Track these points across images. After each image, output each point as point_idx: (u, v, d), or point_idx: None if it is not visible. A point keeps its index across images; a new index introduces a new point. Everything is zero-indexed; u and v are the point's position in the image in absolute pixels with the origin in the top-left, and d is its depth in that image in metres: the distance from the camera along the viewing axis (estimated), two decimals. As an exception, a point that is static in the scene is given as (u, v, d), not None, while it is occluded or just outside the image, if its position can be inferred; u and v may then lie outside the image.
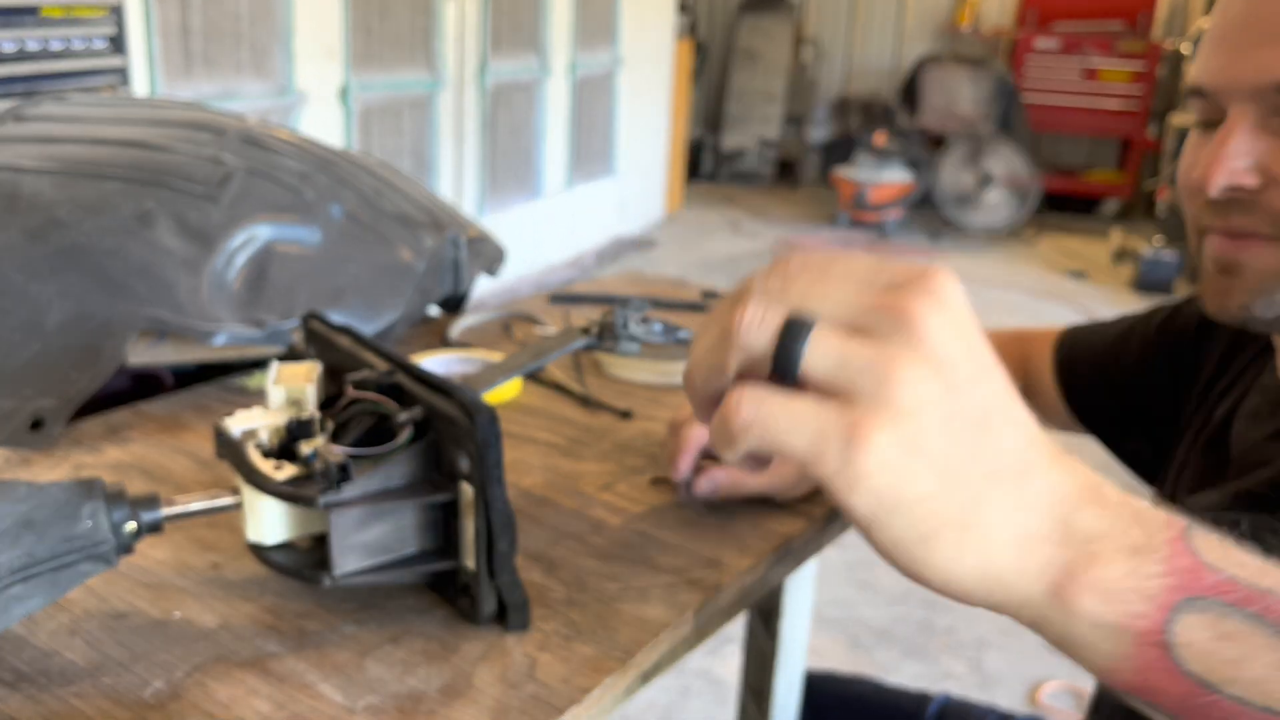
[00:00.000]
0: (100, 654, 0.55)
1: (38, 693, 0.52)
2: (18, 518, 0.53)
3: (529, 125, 4.06)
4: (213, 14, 2.60)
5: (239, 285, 0.91)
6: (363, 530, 0.57)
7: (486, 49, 3.69)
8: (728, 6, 6.93)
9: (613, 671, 0.56)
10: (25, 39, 1.97)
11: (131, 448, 0.80)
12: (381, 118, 3.27)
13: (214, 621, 0.59)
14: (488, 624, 0.59)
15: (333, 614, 0.60)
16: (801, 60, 6.74)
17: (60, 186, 0.90)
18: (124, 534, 0.54)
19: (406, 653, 0.56)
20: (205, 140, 1.00)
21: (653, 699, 1.86)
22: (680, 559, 0.67)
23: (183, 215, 0.91)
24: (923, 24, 6.58)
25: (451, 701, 0.53)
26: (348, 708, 0.52)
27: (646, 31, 4.85)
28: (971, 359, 0.31)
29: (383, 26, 3.21)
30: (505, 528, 0.56)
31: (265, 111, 2.74)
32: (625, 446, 0.83)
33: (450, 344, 1.06)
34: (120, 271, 0.85)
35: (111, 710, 0.51)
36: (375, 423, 0.60)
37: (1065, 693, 1.95)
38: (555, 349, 0.84)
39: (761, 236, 5.32)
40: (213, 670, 0.54)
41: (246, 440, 0.59)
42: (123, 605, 0.60)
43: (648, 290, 1.28)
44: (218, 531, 0.68)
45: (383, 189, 1.07)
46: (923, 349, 0.30)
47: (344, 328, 0.68)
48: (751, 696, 1.04)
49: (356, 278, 0.96)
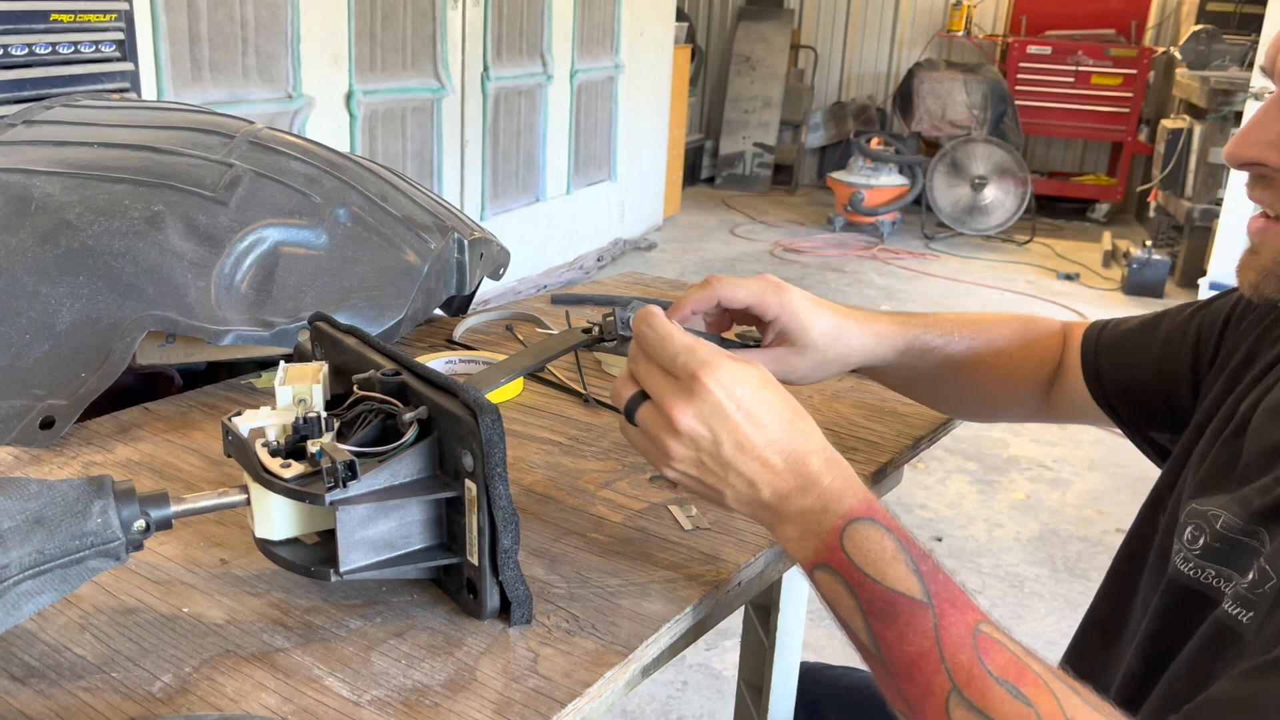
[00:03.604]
0: (110, 649, 0.56)
1: (48, 687, 0.53)
2: (29, 515, 0.53)
3: (531, 130, 4.07)
4: (220, 21, 2.61)
5: (247, 287, 0.92)
6: (368, 527, 0.58)
7: (489, 55, 3.71)
8: (725, 13, 6.95)
9: (613, 665, 0.57)
10: (35, 44, 1.98)
11: (141, 446, 0.81)
12: (386, 122, 3.28)
13: (222, 616, 0.60)
14: (491, 619, 0.60)
15: (339, 609, 0.61)
16: (798, 66, 6.76)
17: (70, 189, 0.91)
18: (133, 531, 0.55)
19: (411, 647, 0.57)
20: (213, 144, 1.01)
21: (652, 692, 1.87)
22: (679, 555, 0.68)
23: (191, 218, 0.92)
24: (917, 31, 6.59)
25: (455, 695, 0.54)
26: (354, 701, 0.53)
27: (646, 38, 4.86)
28: (712, 435, 0.58)
29: (386, 33, 3.22)
30: (508, 524, 0.57)
31: (272, 116, 2.75)
32: (625, 445, 0.84)
33: (454, 344, 1.07)
34: (130, 273, 0.86)
35: (121, 704, 0.52)
36: (381, 421, 0.61)
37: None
38: (557, 349, 0.85)
39: (759, 239, 5.34)
40: (221, 664, 0.55)
41: (254, 439, 0.59)
42: (132, 601, 0.61)
43: (647, 291, 1.29)
44: (226, 528, 0.69)
45: (388, 192, 1.08)
46: (678, 433, 0.59)
47: (350, 328, 0.69)
48: (749, 689, 1.05)
49: (362, 279, 0.97)
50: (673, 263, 4.82)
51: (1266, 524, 0.60)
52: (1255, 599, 0.57)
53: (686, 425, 0.58)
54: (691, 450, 0.58)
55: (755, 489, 0.58)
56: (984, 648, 0.52)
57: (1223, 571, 0.62)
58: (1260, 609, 0.56)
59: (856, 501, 0.57)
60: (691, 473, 0.59)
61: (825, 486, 0.58)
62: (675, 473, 0.60)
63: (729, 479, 0.59)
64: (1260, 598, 0.57)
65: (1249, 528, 0.61)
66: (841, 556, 0.56)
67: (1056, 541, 2.45)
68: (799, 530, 0.58)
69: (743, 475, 0.58)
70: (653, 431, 0.60)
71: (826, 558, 0.57)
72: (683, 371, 0.58)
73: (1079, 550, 2.40)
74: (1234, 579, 0.60)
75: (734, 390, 0.58)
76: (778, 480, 0.58)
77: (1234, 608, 0.58)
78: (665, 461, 0.60)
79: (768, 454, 0.58)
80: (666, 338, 0.60)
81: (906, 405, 0.95)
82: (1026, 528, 2.52)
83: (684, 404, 0.58)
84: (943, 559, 0.58)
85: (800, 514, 0.58)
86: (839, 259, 5.06)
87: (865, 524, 0.56)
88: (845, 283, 4.60)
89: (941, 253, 5.25)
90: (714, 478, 0.59)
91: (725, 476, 0.59)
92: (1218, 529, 0.63)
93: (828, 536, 0.57)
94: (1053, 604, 2.19)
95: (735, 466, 0.58)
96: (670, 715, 1.83)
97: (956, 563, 2.33)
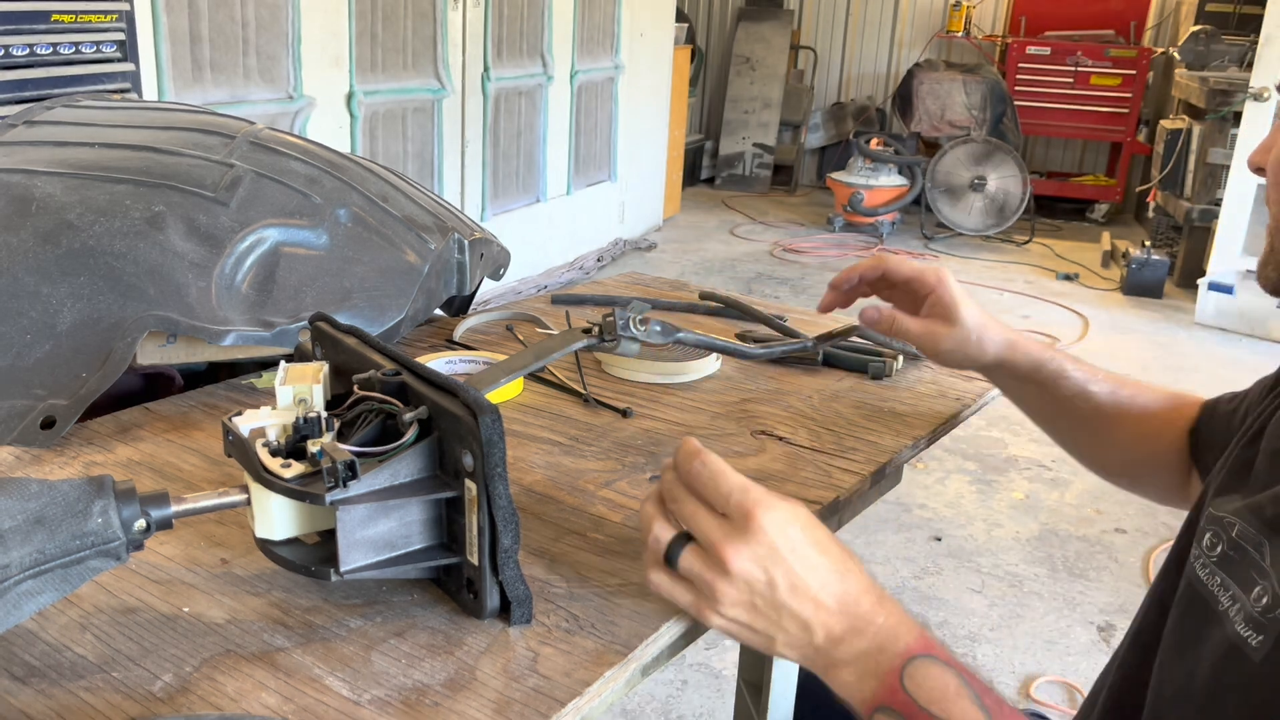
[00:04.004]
0: (110, 648, 0.56)
1: (48, 687, 0.53)
2: (29, 515, 0.53)
3: (531, 130, 4.07)
4: (221, 21, 2.61)
5: (248, 287, 0.92)
6: (369, 527, 0.58)
7: (489, 56, 3.71)
8: (725, 14, 6.96)
9: (613, 665, 0.57)
10: (36, 44, 1.98)
11: (142, 446, 0.81)
12: (386, 123, 3.29)
13: (223, 616, 0.60)
14: (491, 618, 0.60)
15: (339, 609, 0.61)
16: (798, 67, 6.76)
17: (71, 190, 0.91)
18: (134, 531, 0.55)
19: (411, 646, 0.57)
20: (214, 145, 1.01)
21: (652, 691, 1.87)
22: (680, 556, 0.68)
23: (192, 218, 0.92)
24: (916, 31, 6.60)
25: (455, 694, 0.54)
26: (354, 700, 0.53)
27: (646, 39, 4.86)
28: (767, 576, 0.56)
29: (387, 34, 3.22)
30: (508, 524, 0.57)
31: (273, 117, 2.75)
32: (625, 444, 0.84)
33: (454, 344, 1.07)
34: (131, 273, 0.86)
35: (121, 704, 0.52)
36: (381, 421, 0.61)
37: (1056, 686, 1.96)
38: (557, 349, 0.85)
39: (758, 239, 5.34)
40: (221, 664, 0.55)
41: (255, 439, 0.59)
42: (133, 600, 0.61)
43: (647, 292, 1.29)
44: (226, 528, 0.69)
45: (389, 193, 1.08)
46: (730, 575, 0.56)
47: (351, 329, 0.69)
48: (749, 689, 1.05)
49: (363, 280, 0.97)
50: (673, 263, 4.83)
51: (1272, 536, 0.59)
52: (1266, 623, 0.56)
53: (741, 567, 0.55)
54: (745, 594, 0.56)
55: (809, 632, 0.57)
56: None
57: (1227, 582, 0.61)
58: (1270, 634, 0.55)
59: (914, 639, 0.56)
60: (742, 618, 0.57)
61: (880, 625, 0.56)
62: (723, 620, 0.57)
63: (782, 622, 0.57)
64: (1271, 622, 0.56)
65: (1258, 538, 0.60)
66: (904, 697, 0.54)
67: (1055, 541, 2.45)
68: (856, 674, 0.56)
69: (796, 618, 0.56)
70: (702, 575, 0.57)
71: (887, 699, 0.55)
72: (736, 510, 0.56)
73: (1078, 550, 2.40)
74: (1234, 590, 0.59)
75: (788, 531, 0.56)
76: (832, 622, 0.56)
77: (1245, 629, 0.57)
78: (713, 607, 0.57)
79: (821, 596, 0.56)
80: (720, 474, 0.57)
81: (906, 405, 0.96)
82: (1026, 527, 2.52)
83: (739, 545, 0.56)
84: (943, 558, 0.58)
85: (856, 656, 0.56)
86: (838, 259, 5.06)
87: (925, 661, 0.55)
88: (845, 283, 4.60)
89: (941, 253, 5.26)
90: (766, 622, 0.57)
91: (779, 620, 0.57)
92: (1233, 537, 0.62)
93: (887, 677, 0.55)
94: (1051, 603, 2.19)
95: (789, 609, 0.56)
96: (670, 715, 1.83)
97: (956, 562, 2.33)
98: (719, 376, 1.01)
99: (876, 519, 2.50)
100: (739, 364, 1.04)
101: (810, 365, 1.04)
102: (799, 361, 1.04)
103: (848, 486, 0.79)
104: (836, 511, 0.79)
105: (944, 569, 2.31)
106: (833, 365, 1.04)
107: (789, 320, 1.16)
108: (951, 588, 2.23)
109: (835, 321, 1.16)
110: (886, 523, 2.49)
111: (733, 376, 1.01)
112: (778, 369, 1.03)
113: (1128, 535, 2.46)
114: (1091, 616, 2.15)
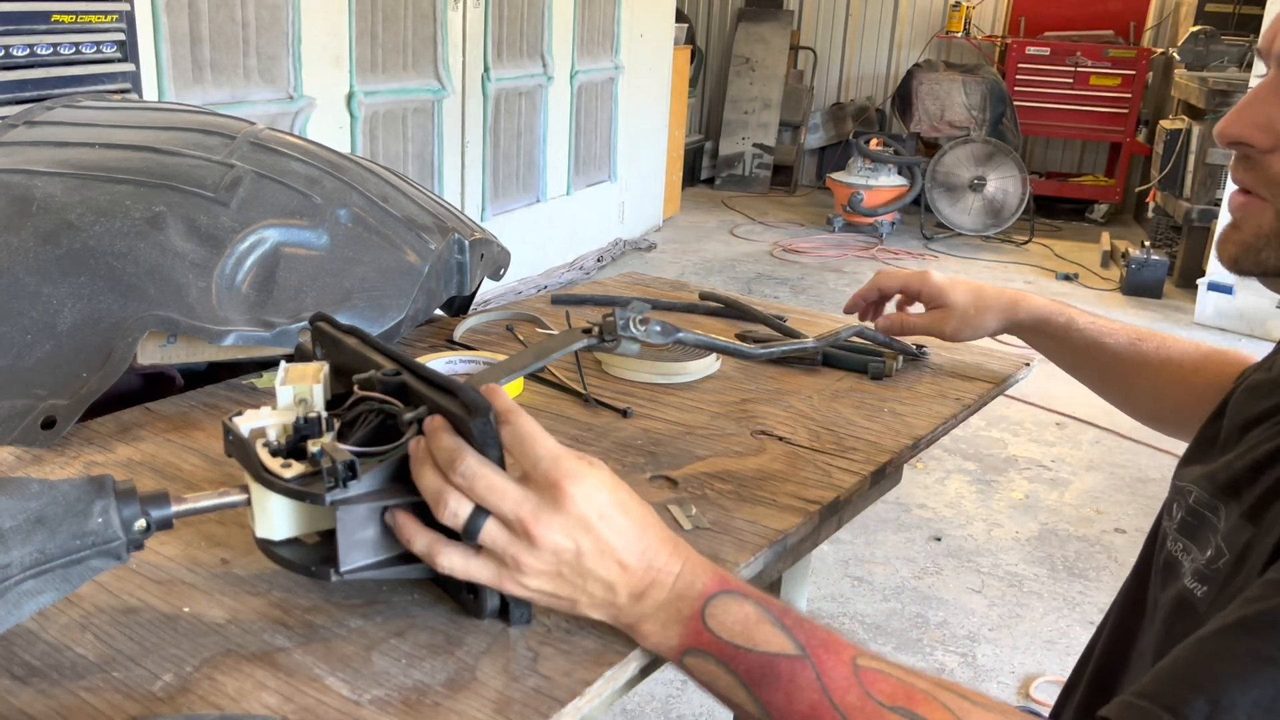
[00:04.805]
0: (111, 648, 0.56)
1: (49, 686, 0.53)
2: (30, 514, 0.53)
3: (531, 131, 4.07)
4: (221, 22, 2.61)
5: (248, 287, 0.92)
6: (369, 527, 0.58)
7: (489, 56, 3.71)
8: (725, 14, 6.96)
9: (613, 664, 0.57)
10: (36, 45, 1.98)
11: (142, 446, 0.81)
12: (386, 123, 3.29)
13: (223, 616, 0.60)
14: (491, 618, 0.60)
15: (339, 609, 0.61)
16: (797, 67, 6.76)
17: (72, 190, 0.91)
18: (134, 530, 0.55)
19: (412, 646, 0.57)
20: (215, 145, 1.01)
21: (652, 691, 1.87)
22: (680, 556, 0.68)
23: (193, 218, 0.92)
24: (916, 32, 6.60)
25: (456, 694, 0.54)
26: (354, 700, 0.53)
27: (646, 39, 4.86)
28: (575, 546, 0.56)
29: (387, 34, 3.22)
30: (509, 524, 0.57)
31: (273, 117, 2.75)
32: (625, 444, 0.84)
33: (455, 344, 1.07)
34: (131, 273, 0.86)
35: (121, 704, 0.52)
36: (381, 421, 0.61)
37: (1056, 686, 1.96)
38: (557, 349, 0.85)
39: (758, 240, 5.34)
40: (222, 664, 0.55)
41: (255, 439, 0.60)
42: (133, 600, 0.61)
43: (647, 292, 1.29)
44: (227, 528, 0.69)
45: (389, 193, 1.08)
46: (538, 548, 0.56)
47: (351, 329, 0.69)
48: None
49: (363, 280, 0.98)
50: (672, 263, 4.83)
51: (1225, 499, 0.62)
52: (1210, 574, 0.59)
53: (551, 540, 0.55)
54: (552, 565, 0.56)
55: (613, 592, 0.57)
56: (868, 681, 0.53)
57: (1189, 546, 0.64)
58: (1214, 584, 0.59)
59: (710, 579, 0.57)
60: (547, 587, 0.57)
61: (678, 573, 0.58)
62: (525, 590, 0.57)
63: (587, 587, 0.57)
64: (1215, 573, 0.59)
65: (1213, 502, 0.63)
66: (708, 636, 0.56)
67: (1055, 541, 2.45)
68: (660, 624, 0.57)
69: (601, 580, 0.57)
70: (507, 549, 0.56)
71: (692, 641, 0.56)
72: (544, 479, 0.56)
73: (1078, 550, 2.40)
74: (1194, 553, 0.63)
75: (597, 499, 0.56)
76: (634, 580, 0.57)
77: (1192, 582, 0.61)
78: (516, 579, 0.57)
79: (624, 556, 0.57)
80: (528, 438, 0.56)
81: (906, 405, 0.96)
82: (1025, 527, 2.52)
83: (549, 517, 0.55)
84: (942, 558, 0.58)
85: (659, 607, 0.57)
86: (838, 259, 5.06)
87: (724, 598, 0.57)
88: (845, 283, 4.61)
89: (940, 253, 5.26)
90: (570, 588, 0.57)
91: (584, 585, 0.57)
92: (1190, 503, 0.65)
93: (690, 621, 0.56)
94: (1051, 603, 2.19)
95: (595, 574, 0.56)
96: (670, 715, 1.83)
97: (956, 562, 2.33)
98: (719, 376, 1.01)
99: (876, 519, 2.50)
100: (739, 364, 1.04)
101: (810, 365, 1.04)
102: (799, 361, 1.04)
103: (848, 486, 0.79)
104: (836, 511, 0.79)
105: (944, 569, 2.31)
106: (833, 365, 1.04)
107: (789, 320, 1.16)
108: (951, 588, 2.23)
109: (835, 321, 1.16)
110: (886, 523, 2.49)
111: (733, 376, 1.01)
112: (778, 369, 1.03)
113: (1127, 535, 2.46)
114: (1091, 616, 2.15)
